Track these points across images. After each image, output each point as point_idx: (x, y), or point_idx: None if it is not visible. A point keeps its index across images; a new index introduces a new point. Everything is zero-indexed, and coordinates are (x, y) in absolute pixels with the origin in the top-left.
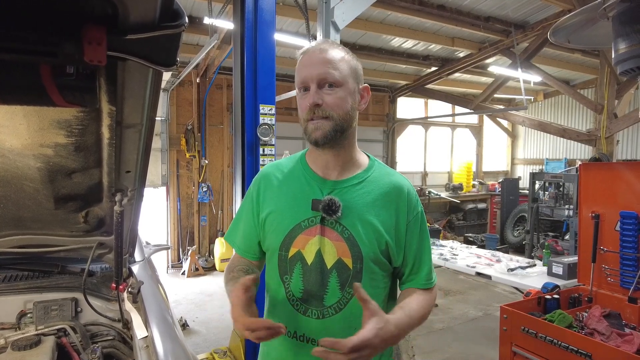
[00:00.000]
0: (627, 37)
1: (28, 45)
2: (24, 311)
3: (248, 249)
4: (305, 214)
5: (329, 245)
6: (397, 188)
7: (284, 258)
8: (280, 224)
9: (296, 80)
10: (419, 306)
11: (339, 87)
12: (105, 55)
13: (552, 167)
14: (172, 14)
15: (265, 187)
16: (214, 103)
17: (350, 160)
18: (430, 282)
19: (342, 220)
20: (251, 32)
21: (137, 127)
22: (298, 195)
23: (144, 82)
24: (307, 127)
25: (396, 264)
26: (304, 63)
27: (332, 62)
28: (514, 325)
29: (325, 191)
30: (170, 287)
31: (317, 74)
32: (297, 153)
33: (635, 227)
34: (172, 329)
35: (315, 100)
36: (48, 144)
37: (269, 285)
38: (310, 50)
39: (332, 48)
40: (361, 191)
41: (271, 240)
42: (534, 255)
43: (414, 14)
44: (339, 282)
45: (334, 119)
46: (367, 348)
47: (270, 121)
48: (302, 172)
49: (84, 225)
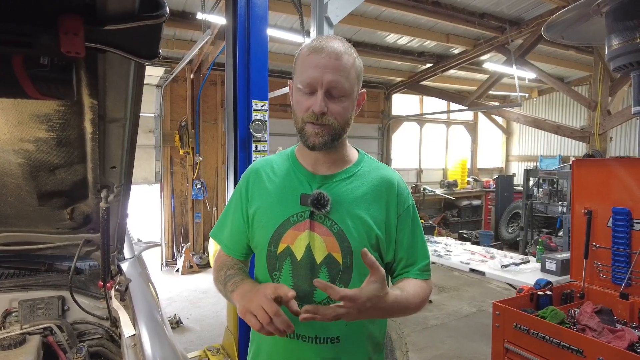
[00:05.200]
0: (620, 33)
1: (1, 35)
2: (9, 310)
3: (235, 246)
4: (294, 208)
5: (318, 240)
6: (387, 182)
7: (273, 254)
8: (269, 219)
9: (300, 77)
10: (415, 292)
11: (346, 97)
12: (83, 47)
13: (546, 164)
14: (152, 4)
15: (254, 183)
16: (208, 99)
17: (340, 157)
18: (425, 273)
19: (332, 215)
20: (243, 27)
21: (121, 122)
22: (287, 191)
23: (125, 75)
24: (305, 129)
25: (387, 259)
26: (315, 63)
27: (344, 70)
28: (506, 322)
29: (314, 186)
30: (164, 284)
31: (328, 82)
32: (287, 149)
33: (627, 223)
34: (161, 327)
35: (322, 109)
36: (28, 139)
37: (258, 282)
38: (324, 50)
39: (345, 52)
40: (350, 185)
41: (260, 236)
42: (528, 251)
43: (409, 10)
44: (328, 278)
45: (334, 128)
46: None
47: (263, 117)
48: (292, 168)
49: (69, 222)
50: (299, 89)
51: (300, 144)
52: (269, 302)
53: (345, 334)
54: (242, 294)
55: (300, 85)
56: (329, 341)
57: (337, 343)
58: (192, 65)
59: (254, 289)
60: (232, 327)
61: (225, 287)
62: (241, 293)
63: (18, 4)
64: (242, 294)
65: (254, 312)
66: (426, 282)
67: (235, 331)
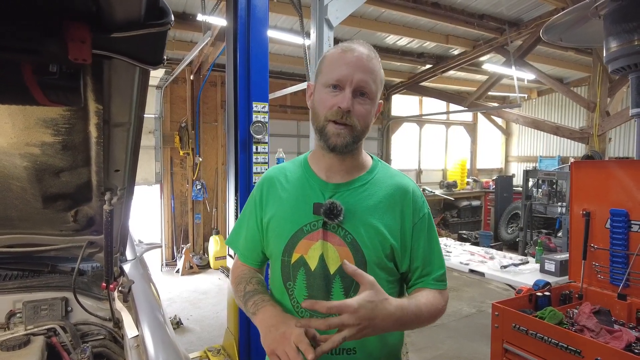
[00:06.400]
0: (618, 35)
1: (9, 42)
2: (13, 311)
3: (251, 254)
4: (307, 218)
5: (331, 250)
6: (402, 190)
7: (287, 264)
8: (283, 228)
9: (328, 75)
10: (428, 301)
11: (371, 99)
12: (90, 54)
13: (545, 165)
14: (158, 11)
15: (268, 191)
16: (208, 100)
17: (354, 163)
18: (440, 283)
19: (345, 225)
20: (244, 29)
21: (125, 126)
22: (300, 199)
23: (130, 81)
24: (327, 128)
25: (402, 269)
26: (345, 61)
27: (373, 73)
28: (505, 323)
29: (326, 195)
30: (165, 285)
31: (358, 80)
32: (300, 156)
33: (625, 225)
34: (164, 328)
35: (349, 106)
36: (35, 143)
37: (273, 291)
38: (355, 51)
39: (375, 57)
40: (364, 194)
41: (273, 245)
42: (528, 252)
43: (409, 11)
44: (342, 288)
45: (357, 130)
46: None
47: (264, 119)
48: (304, 175)
49: (73, 224)
50: (325, 87)
51: (313, 151)
52: (295, 354)
53: (361, 344)
54: (267, 327)
55: (328, 82)
56: (345, 352)
57: (353, 354)
58: (192, 67)
59: (278, 324)
60: (232, 328)
61: (245, 306)
62: (265, 325)
63: (25, 12)
64: (267, 328)
65: (280, 356)
66: (441, 292)
67: (236, 332)
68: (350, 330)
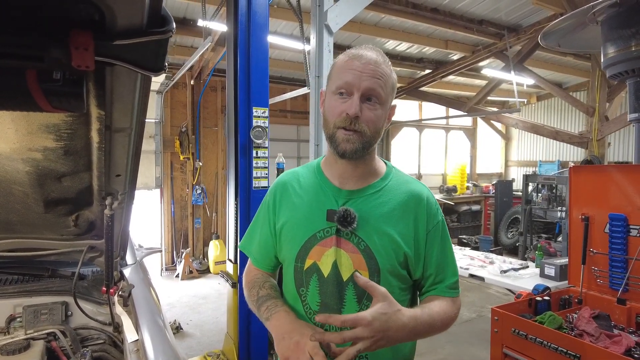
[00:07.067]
0: (615, 41)
1: (14, 49)
2: (13, 315)
3: (264, 259)
4: (320, 224)
5: (344, 257)
6: (416, 197)
7: (300, 270)
8: (296, 234)
9: (337, 82)
10: (440, 309)
11: (381, 104)
12: (93, 61)
13: (545, 169)
14: (160, 19)
15: (281, 196)
16: (208, 105)
17: (368, 170)
18: (453, 291)
19: (358, 232)
20: (244, 34)
21: (127, 131)
22: (313, 205)
23: (132, 87)
24: (337, 135)
25: (416, 276)
26: (353, 67)
27: (383, 78)
28: (504, 327)
29: (340, 201)
30: (164, 289)
31: (366, 85)
32: (313, 161)
33: (623, 229)
34: (163, 333)
35: (357, 112)
36: (37, 148)
37: (286, 297)
38: (364, 57)
39: (384, 62)
40: (378, 201)
41: (286, 251)
42: (527, 256)
43: (408, 17)
44: (355, 296)
45: (366, 136)
46: (363, 328)
47: (264, 124)
48: (318, 181)
49: (74, 228)
50: (334, 93)
51: (325, 156)
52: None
53: (373, 355)
54: (281, 333)
55: (336, 88)
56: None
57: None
58: (193, 71)
59: (292, 332)
60: (232, 333)
61: (259, 310)
62: (279, 331)
63: (29, 20)
64: (281, 335)
65: None
66: (453, 299)
67: (236, 337)
68: (364, 343)
